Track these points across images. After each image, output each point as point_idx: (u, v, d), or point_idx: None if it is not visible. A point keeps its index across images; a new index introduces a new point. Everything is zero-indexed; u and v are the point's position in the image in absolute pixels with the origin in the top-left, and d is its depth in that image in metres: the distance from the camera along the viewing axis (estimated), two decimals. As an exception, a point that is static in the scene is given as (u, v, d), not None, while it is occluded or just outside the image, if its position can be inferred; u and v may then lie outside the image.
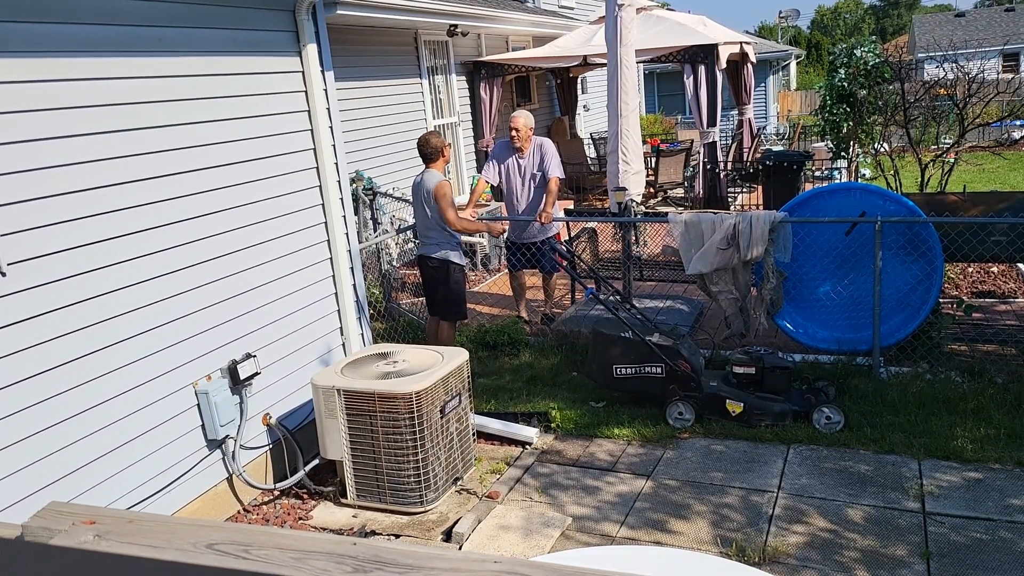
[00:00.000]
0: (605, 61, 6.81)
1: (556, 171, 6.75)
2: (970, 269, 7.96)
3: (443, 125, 11.22)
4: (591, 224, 8.88)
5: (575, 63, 11.68)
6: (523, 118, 6.80)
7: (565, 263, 6.35)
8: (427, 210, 5.76)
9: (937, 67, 9.19)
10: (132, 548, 0.94)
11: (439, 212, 5.67)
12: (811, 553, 3.74)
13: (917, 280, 5.66)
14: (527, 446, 5.04)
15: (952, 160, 8.35)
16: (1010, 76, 12.36)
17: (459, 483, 4.54)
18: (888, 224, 5.46)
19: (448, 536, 4.09)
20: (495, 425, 5.17)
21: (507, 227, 6.53)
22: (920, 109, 9.26)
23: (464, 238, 8.86)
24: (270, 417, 4.55)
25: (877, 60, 9.80)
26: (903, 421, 4.88)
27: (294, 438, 4.63)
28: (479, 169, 11.59)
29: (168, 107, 3.95)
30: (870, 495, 4.19)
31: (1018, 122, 16.99)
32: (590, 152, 14.66)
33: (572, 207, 10.92)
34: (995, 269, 7.93)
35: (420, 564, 0.88)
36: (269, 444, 4.62)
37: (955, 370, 5.44)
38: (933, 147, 10.12)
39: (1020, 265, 7.48)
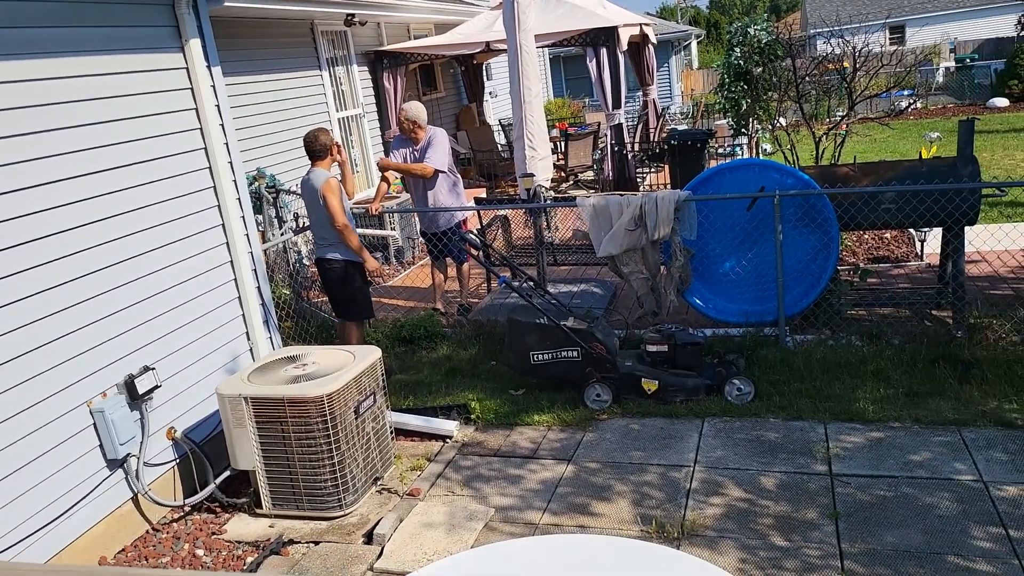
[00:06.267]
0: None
1: (434, 161, 6.58)
2: (866, 236, 8.31)
3: (347, 117, 10.98)
4: (503, 212, 8.86)
5: (478, 50, 11.59)
6: (407, 111, 6.63)
7: (476, 252, 6.29)
8: (319, 210, 5.53)
9: (826, 43, 9.51)
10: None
11: (329, 212, 5.45)
12: (728, 524, 3.82)
13: (816, 250, 5.85)
14: (448, 440, 4.99)
15: (844, 132, 8.66)
16: (894, 48, 12.93)
17: (379, 483, 4.47)
18: (786, 198, 5.62)
19: (369, 538, 4.01)
20: (414, 421, 5.10)
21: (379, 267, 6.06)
22: (812, 84, 9.57)
23: (371, 232, 8.69)
24: (175, 431, 4.36)
25: (769, 38, 10.08)
26: (809, 387, 5.05)
27: (202, 451, 4.45)
28: (387, 160, 11.39)
29: (43, 112, 3.70)
30: (781, 462, 4.32)
31: (904, 92, 17.83)
32: (500, 139, 14.63)
33: (484, 195, 10.86)
34: (888, 235, 8.29)
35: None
36: (176, 459, 4.43)
37: (855, 334, 5.66)
38: (826, 120, 10.49)
39: (912, 231, 7.84)
